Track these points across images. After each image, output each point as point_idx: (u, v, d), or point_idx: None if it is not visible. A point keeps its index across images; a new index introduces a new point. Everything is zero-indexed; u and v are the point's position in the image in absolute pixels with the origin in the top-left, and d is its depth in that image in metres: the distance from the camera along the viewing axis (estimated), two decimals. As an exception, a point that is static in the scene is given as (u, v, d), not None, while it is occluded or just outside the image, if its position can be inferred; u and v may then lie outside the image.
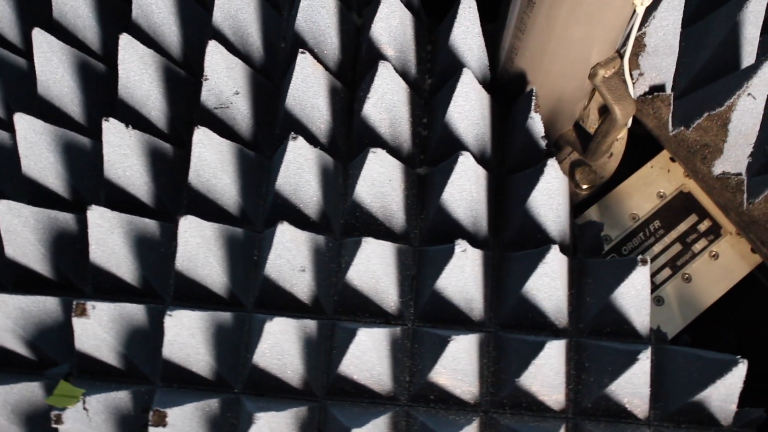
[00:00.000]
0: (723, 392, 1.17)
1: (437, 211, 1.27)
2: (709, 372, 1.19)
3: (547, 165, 1.19)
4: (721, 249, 1.49)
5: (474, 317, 1.29)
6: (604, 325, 1.29)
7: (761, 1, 1.31)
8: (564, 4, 1.13)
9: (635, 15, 1.15)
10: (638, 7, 1.11)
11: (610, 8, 1.12)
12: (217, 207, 1.28)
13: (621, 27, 1.17)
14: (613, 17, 1.13)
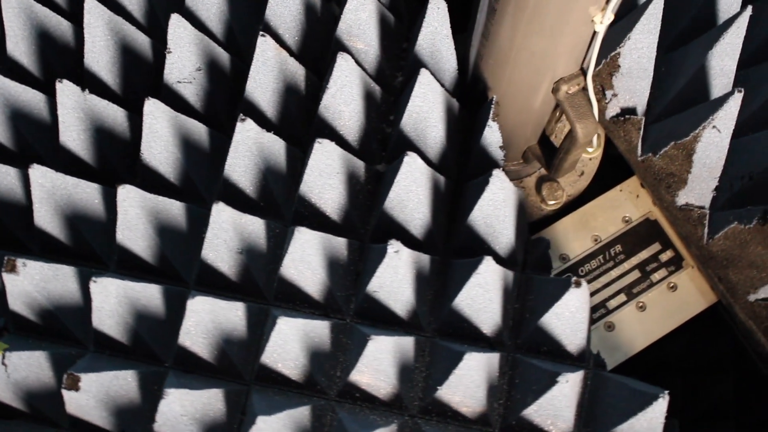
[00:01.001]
0: (645, 425, 1.15)
1: (383, 210, 1.25)
2: (634, 403, 1.17)
3: (492, 175, 1.17)
4: (681, 281, 1.47)
5: (411, 320, 1.27)
6: (541, 343, 1.27)
7: (738, 34, 1.28)
8: (524, 14, 1.11)
9: (596, 33, 1.12)
10: (597, 25, 1.09)
11: (568, 23, 1.10)
12: (165, 181, 1.28)
13: (582, 43, 1.15)
14: (573, 32, 1.11)
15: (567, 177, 1.55)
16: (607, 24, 1.09)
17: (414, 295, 1.25)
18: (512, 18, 1.13)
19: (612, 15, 1.08)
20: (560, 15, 1.09)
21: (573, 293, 1.15)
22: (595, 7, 1.07)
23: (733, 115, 1.25)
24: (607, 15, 1.07)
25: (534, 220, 1.54)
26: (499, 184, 1.18)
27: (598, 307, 1.46)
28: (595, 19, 1.08)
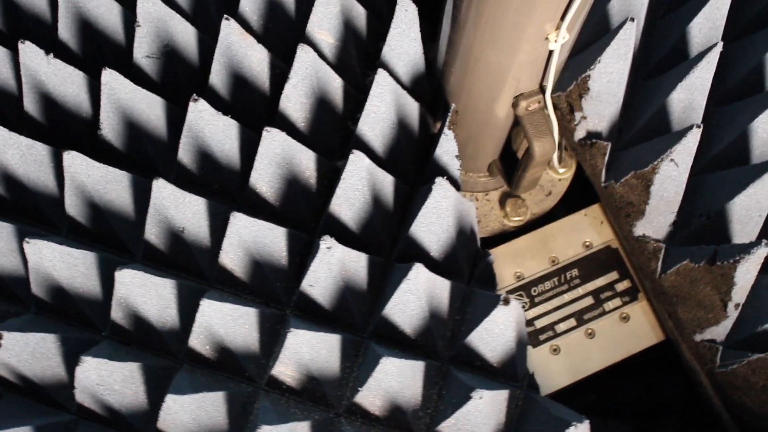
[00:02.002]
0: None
1: (330, 207, 1.25)
2: (552, 428, 1.15)
3: (435, 183, 1.16)
4: (634, 313, 1.45)
5: (348, 320, 1.27)
6: (475, 358, 1.26)
7: (709, 69, 1.26)
8: (481, 26, 1.10)
9: (553, 51, 1.11)
10: (551, 44, 1.08)
11: (524, 38, 1.09)
12: (120, 153, 1.29)
13: (540, 60, 1.13)
14: (529, 48, 1.10)
15: (534, 195, 1.54)
16: (561, 43, 1.08)
17: (350, 295, 1.24)
18: (471, 28, 1.13)
19: (567, 35, 1.07)
20: (515, 30, 1.08)
21: (501, 311, 1.14)
22: (550, 24, 1.06)
23: (690, 150, 1.23)
24: (561, 34, 1.06)
25: (495, 234, 1.53)
26: (442, 193, 1.17)
27: (546, 329, 1.44)
28: (549, 37, 1.07)
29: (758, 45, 1.36)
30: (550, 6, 1.03)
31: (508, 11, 1.06)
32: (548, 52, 1.12)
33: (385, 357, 1.10)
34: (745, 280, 1.21)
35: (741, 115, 1.32)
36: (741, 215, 1.27)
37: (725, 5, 1.30)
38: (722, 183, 1.29)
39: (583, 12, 1.10)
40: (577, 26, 1.13)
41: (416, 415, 1.23)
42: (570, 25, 1.08)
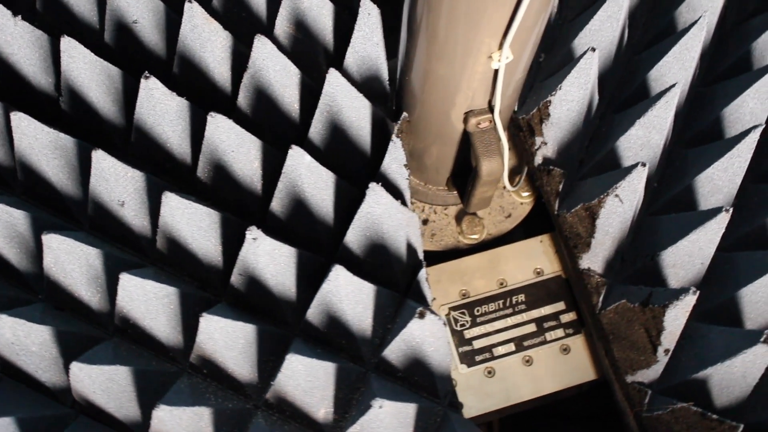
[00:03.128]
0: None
1: (273, 201, 1.26)
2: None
3: (368, 189, 1.16)
4: (575, 346, 1.43)
5: (278, 314, 1.27)
6: (396, 368, 1.25)
7: (667, 109, 1.24)
8: (429, 37, 1.10)
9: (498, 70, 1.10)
10: (494, 63, 1.07)
11: (468, 54, 1.08)
12: (80, 124, 1.31)
13: (486, 77, 1.13)
14: (474, 64, 1.10)
15: (493, 216, 1.53)
16: (505, 63, 1.07)
17: (281, 290, 1.24)
18: (422, 39, 1.13)
19: (511, 55, 1.06)
20: (460, 45, 1.08)
21: (416, 323, 1.13)
22: (494, 43, 1.05)
23: (635, 188, 1.21)
24: (504, 54, 1.05)
25: (449, 249, 1.52)
26: (375, 199, 1.17)
27: (484, 350, 1.43)
28: (493, 56, 1.06)
29: (730, 91, 1.34)
30: (491, 25, 1.02)
31: (454, 26, 1.05)
32: (491, 69, 1.10)
33: (291, 354, 1.10)
34: (674, 326, 1.19)
35: (701, 160, 1.30)
36: (683, 260, 1.25)
37: (696, 47, 1.28)
38: (670, 226, 1.27)
39: (532, 34, 1.09)
40: (529, 47, 1.12)
41: (327, 417, 1.23)
42: (516, 46, 1.07)
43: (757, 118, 1.31)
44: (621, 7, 1.28)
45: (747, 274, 1.24)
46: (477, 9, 1.00)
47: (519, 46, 1.08)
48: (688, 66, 1.30)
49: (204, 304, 1.26)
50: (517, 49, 1.08)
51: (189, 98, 1.30)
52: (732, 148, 1.22)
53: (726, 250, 1.34)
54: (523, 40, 1.08)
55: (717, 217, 1.17)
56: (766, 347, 1.12)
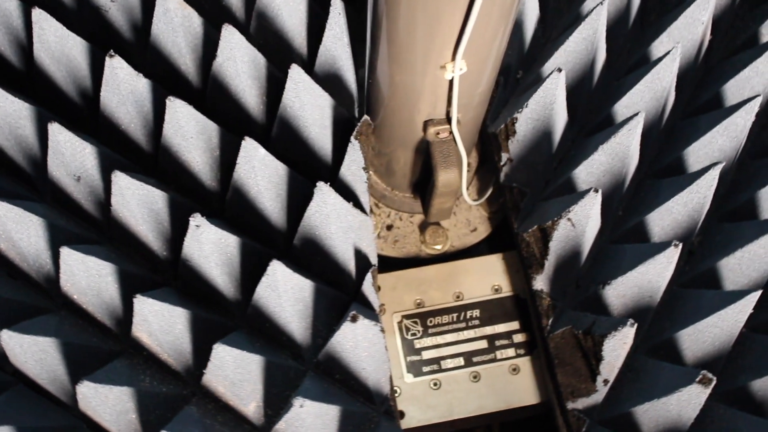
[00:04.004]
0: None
1: (229, 191, 1.26)
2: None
3: (316, 187, 1.16)
4: (524, 367, 1.42)
5: (223, 303, 1.28)
6: (335, 370, 1.25)
7: (629, 136, 1.22)
8: (388, 43, 1.10)
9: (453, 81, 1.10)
10: (447, 73, 1.07)
11: (424, 63, 1.08)
12: (52, 97, 1.32)
13: (440, 86, 1.12)
14: (428, 71, 1.09)
15: (458, 228, 1.52)
16: (459, 74, 1.06)
17: (226, 279, 1.24)
18: (383, 44, 1.12)
19: (465, 66, 1.06)
20: (415, 53, 1.07)
21: (348, 326, 1.13)
22: (448, 53, 1.05)
23: (587, 213, 1.19)
24: (457, 65, 1.05)
25: (410, 257, 1.52)
26: (323, 198, 1.16)
27: (433, 362, 1.43)
28: (447, 66, 1.06)
29: (702, 126, 1.32)
30: (444, 35, 1.01)
31: (410, 34, 1.05)
32: (447, 80, 1.10)
33: (219, 344, 1.10)
34: (612, 357, 1.18)
35: (664, 193, 1.28)
36: (632, 292, 1.23)
37: (667, 78, 1.26)
38: (623, 256, 1.26)
39: (491, 47, 1.08)
40: (488, 61, 1.11)
41: (258, 411, 1.23)
42: (472, 58, 1.06)
43: (725, 155, 1.29)
44: (595, 30, 1.27)
45: (695, 311, 1.22)
46: (430, 19, 1.00)
47: (475, 58, 1.07)
48: (660, 96, 1.29)
49: (149, 286, 1.26)
50: (474, 62, 1.08)
51: (161, 83, 1.31)
52: (692, 183, 1.20)
53: (685, 286, 1.32)
54: (479, 53, 1.07)
55: (666, 252, 1.15)
56: (701, 387, 1.10)
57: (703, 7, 1.29)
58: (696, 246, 1.36)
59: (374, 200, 1.52)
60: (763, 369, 1.21)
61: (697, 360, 1.22)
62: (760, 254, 1.23)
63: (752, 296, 1.13)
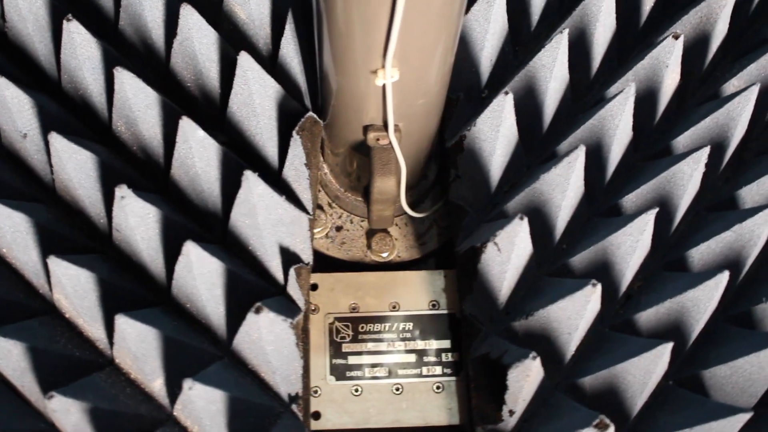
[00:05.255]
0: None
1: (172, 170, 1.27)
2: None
3: (243, 176, 1.16)
4: (449, 388, 1.40)
5: (149, 278, 1.28)
6: (246, 360, 1.25)
7: (569, 169, 1.20)
8: (326, 45, 1.09)
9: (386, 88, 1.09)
10: (378, 79, 1.06)
11: (357, 67, 1.07)
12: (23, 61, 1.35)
13: (376, 93, 1.11)
14: (361, 76, 1.09)
15: (407, 239, 1.51)
16: (390, 81, 1.06)
17: (152, 254, 1.25)
18: (324, 45, 1.12)
19: (396, 74, 1.05)
20: (348, 56, 1.07)
21: (252, 318, 1.13)
22: (378, 59, 1.04)
23: (512, 240, 1.18)
24: (388, 72, 1.04)
25: (355, 261, 1.51)
26: (249, 187, 1.16)
27: (357, 368, 1.42)
28: (378, 72, 1.05)
29: (654, 170, 1.29)
30: (371, 41, 1.01)
31: (343, 37, 1.05)
32: (379, 87, 1.09)
33: (120, 315, 1.11)
34: (516, 387, 1.16)
35: (602, 231, 1.26)
36: (551, 326, 1.21)
37: (620, 116, 1.24)
38: (550, 289, 1.24)
39: (429, 58, 1.07)
40: (426, 71, 1.10)
41: (163, 390, 1.23)
42: (407, 67, 1.05)
43: (671, 202, 1.26)
44: (555, 59, 1.25)
45: (614, 355, 1.20)
46: (360, 22, 0.99)
47: (410, 68, 1.06)
48: (612, 134, 1.26)
49: (80, 251, 1.28)
50: (408, 71, 1.07)
51: (129, 57, 1.32)
52: (625, 225, 1.18)
53: (615, 329, 1.29)
54: (413, 63, 1.06)
55: (584, 290, 1.13)
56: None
57: (668, 50, 1.26)
58: (635, 290, 1.33)
59: (328, 199, 1.52)
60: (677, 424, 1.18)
61: (608, 403, 1.20)
62: (687, 306, 1.20)
63: (663, 347, 1.11)
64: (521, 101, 1.32)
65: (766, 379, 1.17)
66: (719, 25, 1.32)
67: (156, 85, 1.30)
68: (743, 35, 1.46)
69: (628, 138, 1.29)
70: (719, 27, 1.33)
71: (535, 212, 1.27)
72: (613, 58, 1.43)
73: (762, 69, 1.30)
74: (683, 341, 1.23)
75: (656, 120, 1.34)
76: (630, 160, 1.37)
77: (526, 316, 1.24)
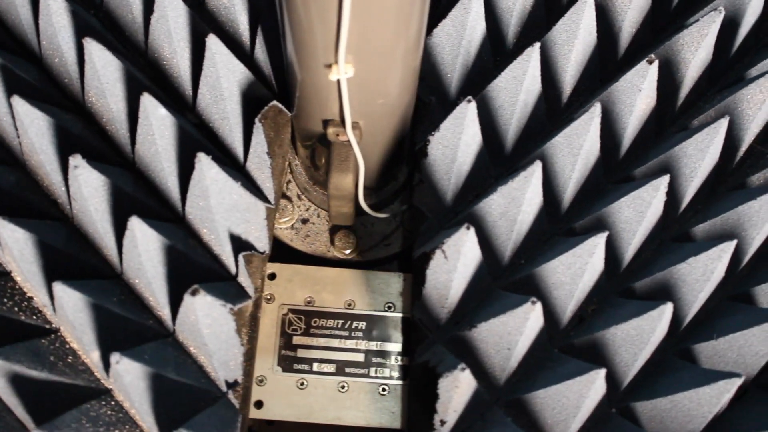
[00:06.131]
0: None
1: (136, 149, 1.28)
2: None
3: (196, 158, 1.16)
4: (394, 392, 1.40)
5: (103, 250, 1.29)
6: (188, 343, 1.26)
7: (526, 183, 1.19)
8: (287, 37, 1.09)
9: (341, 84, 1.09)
10: (331, 74, 1.06)
11: (312, 59, 1.07)
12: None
13: (330, 87, 1.11)
14: (318, 71, 1.08)
15: (371, 239, 1.50)
16: (344, 77, 1.05)
17: (105, 226, 1.26)
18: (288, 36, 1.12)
19: (350, 70, 1.04)
20: (305, 50, 1.06)
21: (188, 299, 1.13)
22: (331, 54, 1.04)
23: (458, 248, 1.17)
24: (341, 68, 1.04)
25: (317, 255, 1.51)
26: (201, 170, 1.17)
27: (305, 361, 1.42)
28: (332, 67, 1.05)
29: (618, 194, 1.28)
30: (325, 33, 1.00)
31: (300, 28, 1.04)
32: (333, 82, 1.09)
33: (57, 283, 1.11)
34: (446, 398, 1.15)
35: (556, 250, 1.24)
36: (493, 340, 1.20)
37: (584, 136, 1.23)
38: (497, 303, 1.23)
39: (387, 56, 1.06)
40: (385, 70, 1.10)
41: (100, 362, 1.24)
42: (362, 64, 1.05)
43: (630, 227, 1.24)
44: (525, 71, 1.24)
45: (552, 375, 1.18)
46: (313, 15, 0.99)
47: (366, 66, 1.06)
48: (576, 152, 1.25)
49: (41, 216, 1.29)
50: (365, 69, 1.06)
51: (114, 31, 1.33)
52: (575, 247, 1.16)
53: (564, 350, 1.28)
54: (370, 61, 1.05)
55: (523, 307, 1.12)
56: (517, 452, 1.07)
57: (642, 74, 1.24)
58: (589, 313, 1.31)
59: (298, 191, 1.52)
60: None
61: (543, 424, 1.19)
62: (632, 335, 1.18)
63: (596, 373, 1.09)
64: (493, 111, 1.31)
65: (704, 417, 1.15)
66: (700, 53, 1.30)
67: (134, 60, 1.31)
68: (734, 67, 1.44)
69: (594, 158, 1.28)
70: (700, 55, 1.30)
71: (491, 224, 1.25)
72: (595, 77, 1.41)
73: (737, 102, 1.28)
74: (625, 369, 1.22)
75: (627, 144, 1.32)
76: (599, 182, 1.35)
77: (470, 327, 1.23)
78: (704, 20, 1.27)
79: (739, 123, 1.29)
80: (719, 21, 1.27)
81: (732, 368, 1.22)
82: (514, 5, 1.35)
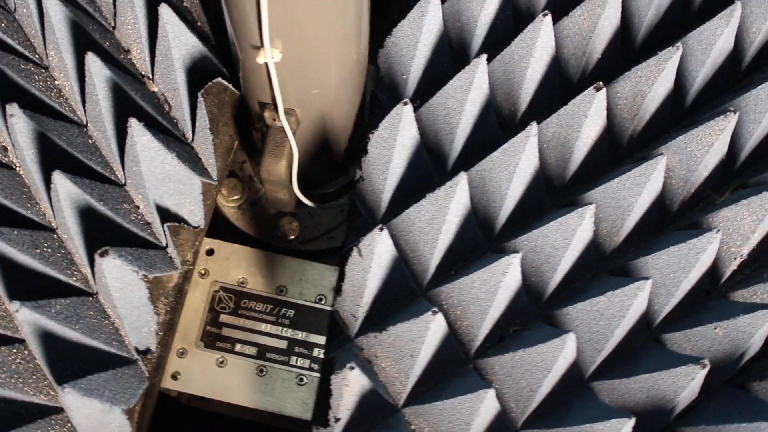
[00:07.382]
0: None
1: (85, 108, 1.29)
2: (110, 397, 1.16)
3: (128, 123, 1.17)
4: (311, 383, 1.40)
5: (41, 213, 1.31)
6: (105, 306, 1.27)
7: (450, 193, 1.18)
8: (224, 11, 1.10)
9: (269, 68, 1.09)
10: (260, 57, 1.06)
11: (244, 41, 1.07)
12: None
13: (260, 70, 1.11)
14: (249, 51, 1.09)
15: (314, 230, 1.51)
16: (272, 61, 1.05)
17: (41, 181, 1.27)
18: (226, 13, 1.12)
19: (277, 55, 1.05)
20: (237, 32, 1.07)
21: (98, 260, 1.14)
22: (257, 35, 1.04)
23: (372, 249, 1.16)
24: (267, 51, 1.04)
25: (258, 237, 1.51)
26: (132, 136, 1.17)
27: (228, 340, 1.42)
28: (260, 51, 1.05)
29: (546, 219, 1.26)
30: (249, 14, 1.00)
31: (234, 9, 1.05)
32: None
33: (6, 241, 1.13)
34: (337, 395, 1.14)
35: (475, 267, 1.23)
36: (399, 344, 1.20)
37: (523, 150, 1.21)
38: (411, 309, 1.22)
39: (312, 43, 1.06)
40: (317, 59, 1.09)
41: (18, 311, 1.25)
42: (291, 50, 1.05)
43: (557, 252, 1.23)
44: (471, 81, 1.22)
45: (452, 390, 1.17)
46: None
47: (294, 52, 1.06)
48: (512, 170, 1.23)
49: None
50: (293, 56, 1.06)
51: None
52: (488, 265, 1.15)
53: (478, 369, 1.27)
54: (298, 48, 1.05)
55: (424, 316, 1.11)
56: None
57: (588, 100, 1.22)
58: (511, 334, 1.30)
59: (252, 173, 1.52)
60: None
61: None
62: (536, 360, 1.16)
63: (485, 392, 1.08)
64: (441, 118, 1.30)
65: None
66: (658, 88, 1.27)
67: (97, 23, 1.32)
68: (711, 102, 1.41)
69: (531, 176, 1.26)
70: (658, 90, 1.28)
71: (419, 230, 1.24)
72: (555, 97, 1.39)
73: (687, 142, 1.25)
74: (530, 393, 1.20)
75: (573, 168, 1.30)
76: (542, 202, 1.33)
77: (381, 330, 1.23)
78: (661, 55, 1.25)
79: (686, 163, 1.26)
80: (677, 57, 1.24)
81: (638, 408, 1.20)
82: (478, 16, 1.33)
